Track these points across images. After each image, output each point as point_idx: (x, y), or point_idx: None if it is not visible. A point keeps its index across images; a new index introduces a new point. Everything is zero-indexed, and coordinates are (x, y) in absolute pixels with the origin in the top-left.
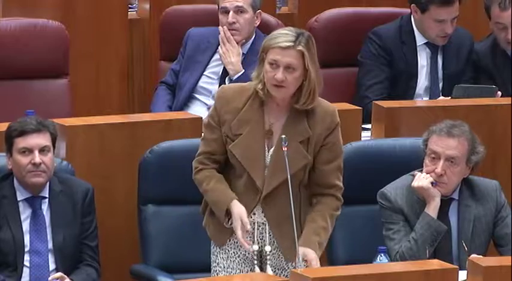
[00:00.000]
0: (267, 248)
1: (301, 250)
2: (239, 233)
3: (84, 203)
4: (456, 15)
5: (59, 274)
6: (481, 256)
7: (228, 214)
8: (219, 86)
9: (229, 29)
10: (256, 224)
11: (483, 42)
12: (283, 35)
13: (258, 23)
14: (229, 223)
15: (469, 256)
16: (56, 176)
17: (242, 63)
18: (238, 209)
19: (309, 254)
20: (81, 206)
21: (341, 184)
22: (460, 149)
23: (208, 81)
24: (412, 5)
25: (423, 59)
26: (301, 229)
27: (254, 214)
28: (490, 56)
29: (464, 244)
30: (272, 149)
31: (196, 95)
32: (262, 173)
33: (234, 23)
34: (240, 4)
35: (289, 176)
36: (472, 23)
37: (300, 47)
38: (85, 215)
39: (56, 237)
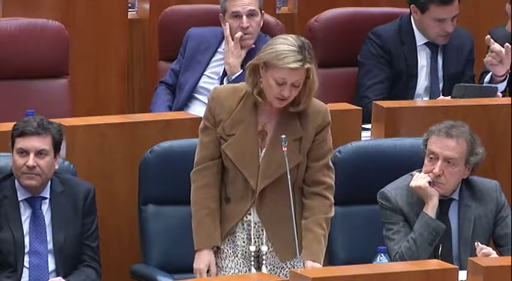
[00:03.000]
0: (264, 248)
1: (309, 264)
2: (197, 275)
3: (86, 203)
4: (456, 14)
5: (58, 278)
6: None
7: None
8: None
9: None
10: (252, 223)
11: (502, 28)
12: (289, 54)
13: (262, 24)
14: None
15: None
16: (57, 177)
17: (242, 63)
18: (202, 260)
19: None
20: (82, 206)
21: (331, 182)
22: (459, 150)
23: (209, 81)
24: (412, 5)
25: (423, 59)
26: (296, 229)
27: (250, 214)
28: (510, 42)
29: (477, 243)
30: (265, 149)
31: (197, 95)
32: (256, 173)
33: (247, 27)
34: (252, 8)
35: (288, 176)
36: (473, 21)
37: (307, 65)
38: (86, 215)
39: (57, 237)
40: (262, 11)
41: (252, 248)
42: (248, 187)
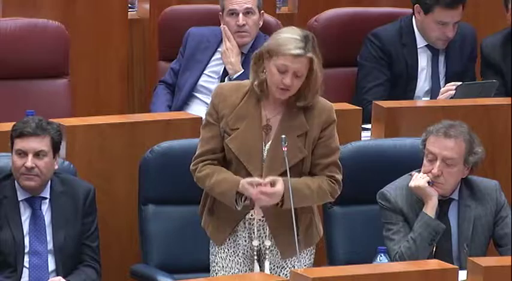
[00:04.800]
0: (267, 243)
1: (279, 184)
2: (251, 191)
3: (86, 204)
4: (458, 20)
5: (58, 278)
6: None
7: (240, 196)
8: None
9: (239, 32)
10: (255, 220)
11: (494, 36)
12: (293, 41)
13: (261, 24)
14: (243, 202)
15: (470, 255)
16: (57, 177)
17: (242, 63)
18: (244, 182)
19: (278, 183)
20: (83, 206)
21: (339, 177)
22: (457, 150)
23: (209, 81)
24: (416, 5)
25: (423, 61)
26: (297, 228)
27: (253, 209)
28: (500, 51)
29: (465, 245)
30: (269, 143)
31: (197, 94)
32: (260, 167)
33: (244, 25)
34: (249, 6)
35: (289, 176)
36: (474, 21)
37: (309, 54)
38: (86, 215)
39: (57, 237)
40: (262, 11)
41: (255, 243)
42: None
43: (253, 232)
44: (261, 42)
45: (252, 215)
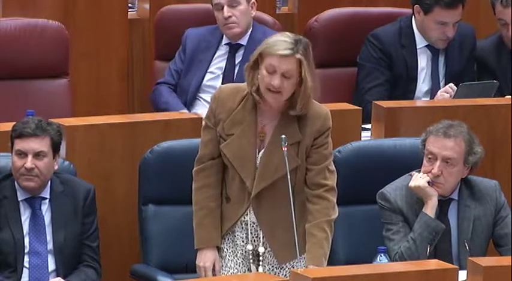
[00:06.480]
0: (261, 249)
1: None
2: (202, 274)
3: (86, 204)
4: (458, 20)
5: (58, 278)
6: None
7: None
8: (223, 80)
9: (226, 24)
10: (249, 224)
11: (488, 39)
12: (282, 43)
13: (254, 14)
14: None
15: (470, 255)
16: (57, 177)
17: (243, 55)
18: (207, 257)
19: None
20: (83, 206)
21: (332, 184)
22: (457, 150)
23: (212, 77)
24: (416, 5)
25: (423, 62)
26: (296, 231)
27: (247, 214)
28: (495, 53)
29: (466, 244)
30: (263, 150)
31: (202, 95)
32: (252, 174)
33: (230, 17)
34: None
35: (288, 177)
36: (474, 21)
37: (298, 55)
38: (86, 215)
39: (57, 237)
40: (252, 1)
41: (249, 247)
42: (245, 188)
43: (247, 236)
44: (259, 33)
45: (244, 218)
